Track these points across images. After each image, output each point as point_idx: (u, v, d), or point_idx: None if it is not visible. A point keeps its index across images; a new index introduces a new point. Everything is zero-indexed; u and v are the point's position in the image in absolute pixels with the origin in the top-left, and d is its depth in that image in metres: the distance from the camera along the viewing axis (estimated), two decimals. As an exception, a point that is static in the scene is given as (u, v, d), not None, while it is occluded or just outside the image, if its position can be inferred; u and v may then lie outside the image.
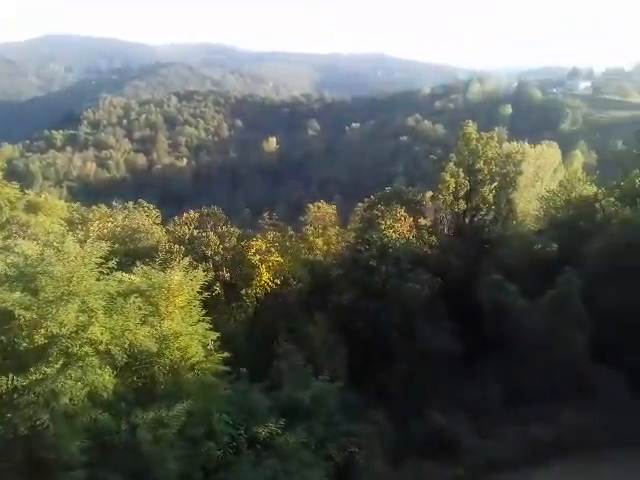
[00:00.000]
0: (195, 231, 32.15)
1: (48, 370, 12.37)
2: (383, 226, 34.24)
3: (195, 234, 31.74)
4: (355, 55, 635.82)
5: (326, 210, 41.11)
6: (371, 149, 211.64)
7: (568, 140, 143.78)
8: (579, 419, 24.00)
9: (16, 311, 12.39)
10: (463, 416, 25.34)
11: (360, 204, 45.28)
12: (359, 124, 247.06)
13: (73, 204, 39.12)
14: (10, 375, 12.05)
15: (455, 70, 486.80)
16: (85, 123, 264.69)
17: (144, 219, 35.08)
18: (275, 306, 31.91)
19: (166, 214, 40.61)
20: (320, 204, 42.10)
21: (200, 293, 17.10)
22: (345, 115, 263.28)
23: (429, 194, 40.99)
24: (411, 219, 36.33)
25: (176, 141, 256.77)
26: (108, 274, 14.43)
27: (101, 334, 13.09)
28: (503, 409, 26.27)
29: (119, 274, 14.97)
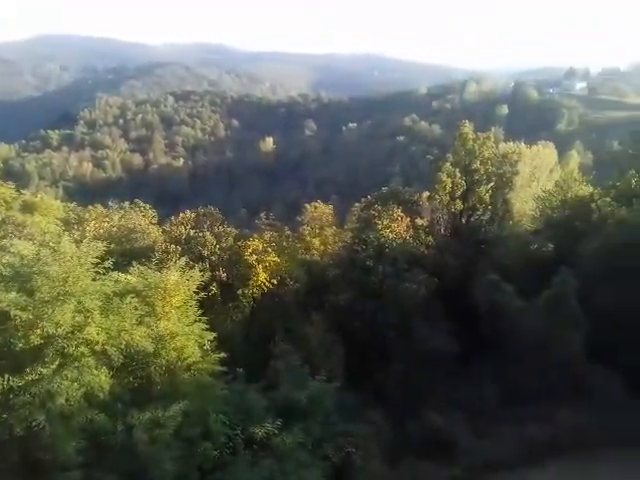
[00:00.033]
0: (192, 231, 32.08)
1: (44, 371, 12.35)
2: (380, 226, 34.21)
3: (192, 234, 31.68)
4: (352, 55, 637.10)
5: (323, 210, 41.05)
6: (368, 149, 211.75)
7: (564, 140, 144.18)
8: (575, 419, 24.02)
9: (12, 311, 12.39)
10: (460, 416, 25.37)
11: (357, 204, 45.20)
12: (356, 124, 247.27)
13: (69, 204, 39.06)
14: (6, 376, 12.04)
15: (451, 70, 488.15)
16: (81, 123, 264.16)
17: (140, 219, 34.99)
18: (272, 306, 31.85)
19: (162, 214, 40.50)
20: (317, 204, 42.02)
21: (196, 293, 17.08)
22: (342, 115, 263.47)
23: (426, 194, 40.96)
24: (408, 219, 36.30)
25: (172, 141, 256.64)
26: (104, 274, 14.42)
27: (97, 334, 13.09)
28: (499, 409, 26.30)
29: (115, 274, 14.96)
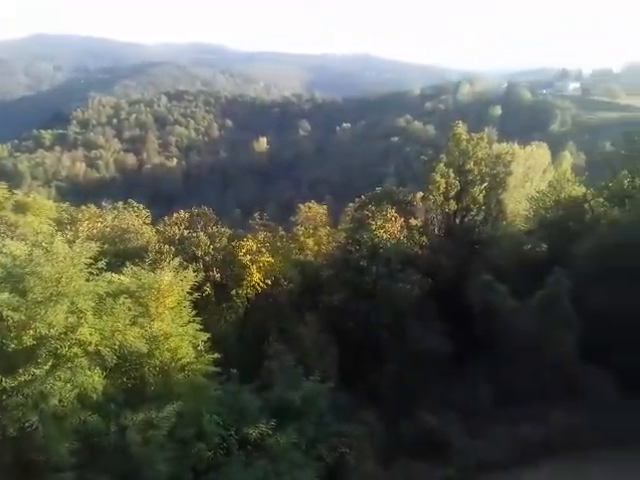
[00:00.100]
0: (185, 231, 31.99)
1: (37, 371, 12.29)
2: (374, 226, 34.22)
3: (185, 234, 31.59)
4: (346, 55, 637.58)
5: (317, 210, 41.04)
6: (362, 150, 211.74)
7: (557, 141, 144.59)
8: (568, 419, 24.11)
9: (4, 312, 12.32)
10: (453, 416, 25.42)
11: (351, 204, 45.18)
12: (350, 124, 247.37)
13: (62, 204, 38.83)
14: (-2, 377, 11.97)
15: (445, 71, 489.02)
16: (74, 123, 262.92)
17: (134, 219, 34.86)
18: (266, 306, 31.80)
19: (156, 214, 40.34)
20: (311, 204, 42.01)
21: (190, 294, 17.06)
22: (336, 115, 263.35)
23: (420, 194, 40.97)
24: (402, 219, 36.33)
25: (166, 141, 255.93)
26: (97, 275, 14.35)
27: (90, 335, 13.04)
28: (493, 409, 26.36)
29: (108, 275, 14.89)
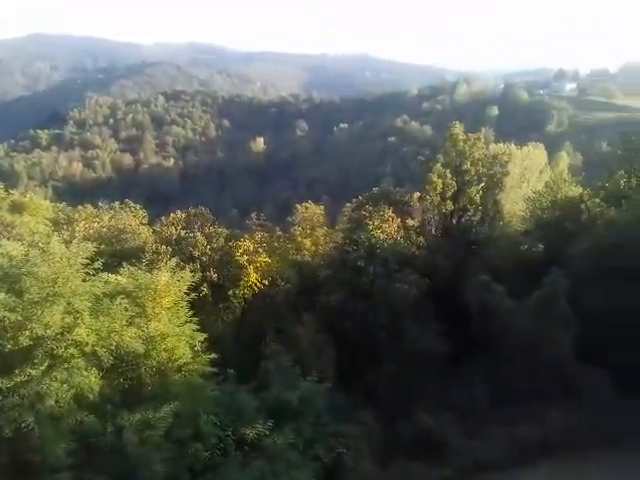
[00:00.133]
0: (182, 231, 31.96)
1: (33, 372, 12.26)
2: (371, 227, 34.19)
3: (182, 234, 31.56)
4: (343, 56, 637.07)
5: (314, 211, 41.01)
6: (359, 150, 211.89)
7: (554, 141, 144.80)
8: (565, 420, 24.15)
9: (0, 313, 12.28)
10: (450, 417, 25.44)
11: (348, 205, 45.13)
12: (347, 125, 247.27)
13: (58, 204, 38.93)
14: (-6, 377, 11.94)
15: (442, 71, 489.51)
16: (71, 123, 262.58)
17: (131, 219, 34.85)
18: (263, 307, 31.76)
19: (153, 214, 40.35)
20: (308, 204, 41.97)
21: (187, 294, 17.00)
22: (333, 116, 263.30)
23: (417, 195, 40.99)
24: (399, 220, 36.29)
25: (163, 141, 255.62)
26: (94, 275, 14.33)
27: (87, 336, 13.01)
28: (490, 410, 26.38)
29: (105, 275, 14.86)
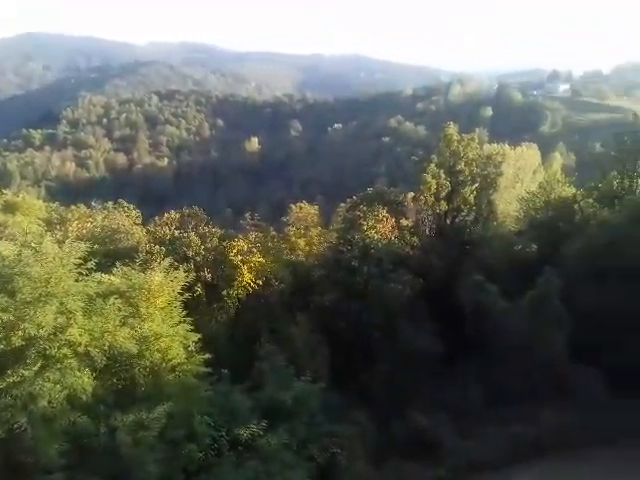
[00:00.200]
0: (176, 231, 31.89)
1: (26, 372, 12.19)
2: (365, 227, 34.25)
3: (176, 234, 31.48)
4: (337, 56, 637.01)
5: (308, 211, 41.08)
6: (353, 150, 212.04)
7: (547, 142, 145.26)
8: (558, 419, 24.22)
9: (-7, 313, 12.20)
10: (444, 417, 25.47)
11: (342, 205, 45.26)
12: (341, 125, 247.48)
13: (51, 204, 38.85)
14: (-13, 378, 11.87)
15: (436, 72, 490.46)
16: (64, 122, 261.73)
17: (124, 219, 34.75)
18: (257, 307, 31.70)
19: (147, 214, 40.32)
20: (302, 204, 42.07)
21: (181, 294, 16.96)
22: (327, 116, 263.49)
23: (411, 195, 41.10)
24: (393, 220, 36.38)
25: (157, 141, 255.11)
26: (87, 275, 14.27)
27: (80, 336, 12.95)
28: (484, 409, 26.44)
29: (98, 275, 14.81)
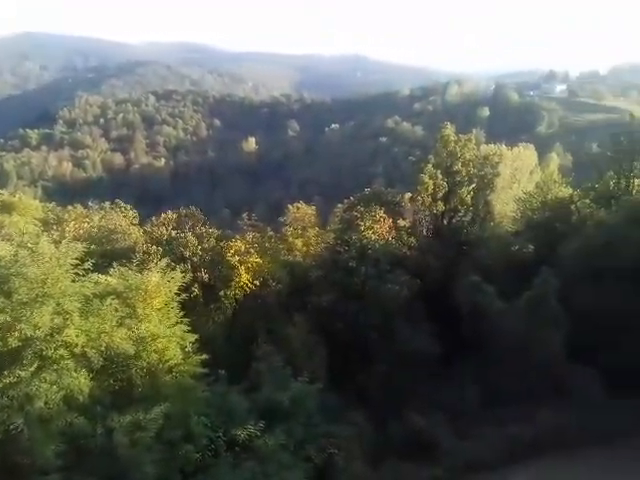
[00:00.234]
0: (173, 232, 31.86)
1: (22, 373, 12.18)
2: (362, 227, 34.23)
3: (173, 235, 31.45)
4: (335, 56, 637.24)
5: (305, 211, 41.08)
6: (351, 150, 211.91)
7: (544, 142, 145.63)
8: (555, 419, 24.29)
9: (-11, 313, 12.17)
10: (441, 417, 25.53)
11: (340, 205, 45.26)
12: (339, 125, 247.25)
13: (48, 204, 38.75)
14: (-17, 379, 11.83)
15: (433, 72, 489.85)
16: (61, 122, 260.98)
17: (121, 220, 34.71)
18: (254, 307, 31.70)
19: (144, 214, 40.26)
20: (300, 205, 42.05)
21: (178, 294, 16.94)
22: (325, 116, 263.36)
23: (408, 195, 41.14)
24: (390, 220, 36.35)
25: (154, 141, 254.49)
26: (84, 276, 14.24)
27: (76, 337, 12.92)
28: (481, 410, 26.50)
29: (95, 276, 14.77)
